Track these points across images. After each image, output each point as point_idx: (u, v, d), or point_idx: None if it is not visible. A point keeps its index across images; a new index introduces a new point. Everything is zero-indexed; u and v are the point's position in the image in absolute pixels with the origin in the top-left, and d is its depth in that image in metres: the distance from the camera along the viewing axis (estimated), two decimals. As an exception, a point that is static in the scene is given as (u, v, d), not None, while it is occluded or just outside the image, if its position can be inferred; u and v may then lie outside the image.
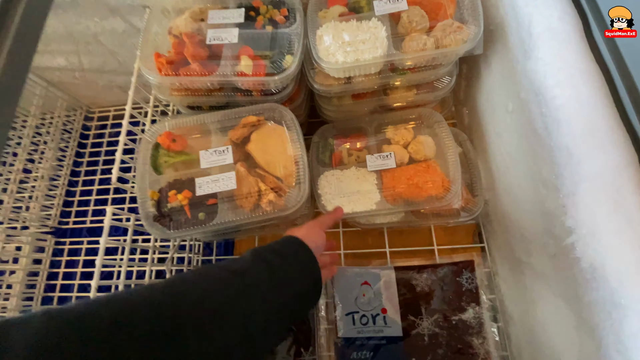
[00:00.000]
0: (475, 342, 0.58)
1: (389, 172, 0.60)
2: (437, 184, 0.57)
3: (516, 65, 0.49)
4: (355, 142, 0.65)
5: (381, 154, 0.61)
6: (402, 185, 0.58)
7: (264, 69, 0.54)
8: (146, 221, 0.52)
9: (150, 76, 0.55)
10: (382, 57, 0.52)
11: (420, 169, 0.59)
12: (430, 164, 0.59)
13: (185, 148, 0.57)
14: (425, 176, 0.58)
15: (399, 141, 0.62)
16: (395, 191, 0.58)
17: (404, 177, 0.59)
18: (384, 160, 0.60)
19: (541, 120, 0.43)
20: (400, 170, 0.60)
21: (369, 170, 0.60)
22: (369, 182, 0.60)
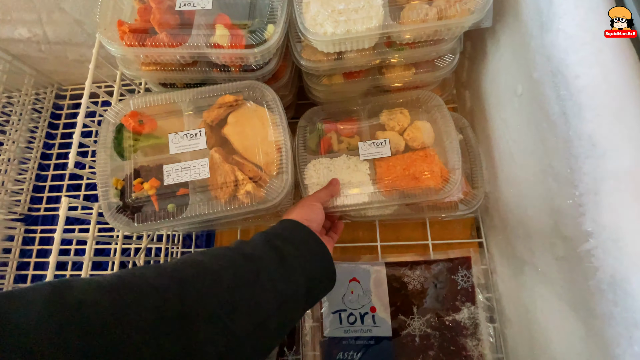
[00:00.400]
0: (469, 343, 0.54)
1: (383, 161, 0.54)
2: (436, 175, 0.51)
3: (530, 41, 0.43)
4: (346, 127, 0.58)
5: (375, 141, 0.55)
6: (398, 175, 0.53)
7: (242, 40, 0.47)
8: (108, 212, 0.46)
9: (111, 47, 0.49)
10: (377, 28, 0.45)
11: (417, 157, 0.53)
12: (428, 152, 0.53)
13: (154, 130, 0.51)
14: (422, 166, 0.52)
15: (394, 127, 0.56)
16: (390, 182, 0.53)
17: (399, 167, 0.53)
18: (378, 148, 0.55)
19: (557, 105, 0.37)
20: (396, 159, 0.54)
21: (362, 159, 0.55)
22: (361, 172, 0.54)
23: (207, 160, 0.47)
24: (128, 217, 0.46)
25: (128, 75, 0.57)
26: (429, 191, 0.51)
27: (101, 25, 0.49)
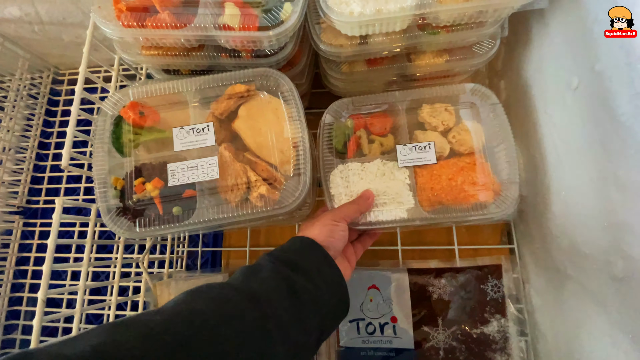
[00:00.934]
0: (498, 358, 0.50)
1: (425, 169, 0.46)
2: (487, 187, 0.44)
3: (592, 26, 0.36)
4: (377, 124, 0.49)
5: (417, 145, 0.46)
6: (443, 187, 0.45)
7: (256, 21, 0.41)
8: (107, 216, 0.42)
9: (106, 28, 0.43)
10: (412, 8, 0.39)
11: (464, 165, 0.45)
12: (477, 158, 0.46)
13: (156, 123, 0.46)
14: (470, 175, 0.44)
15: (437, 126, 0.47)
16: (434, 195, 0.45)
17: (444, 176, 0.45)
18: (421, 154, 0.46)
19: (630, 102, 0.31)
20: (440, 166, 0.46)
21: (400, 165, 0.46)
22: (399, 182, 0.46)
23: (216, 159, 0.42)
24: (129, 221, 0.42)
25: (127, 60, 0.51)
26: (478, 206, 0.44)
27: (95, 3, 0.43)
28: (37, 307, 0.38)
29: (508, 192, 0.44)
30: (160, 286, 0.57)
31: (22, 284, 0.72)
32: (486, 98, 0.48)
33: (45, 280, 0.38)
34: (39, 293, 0.38)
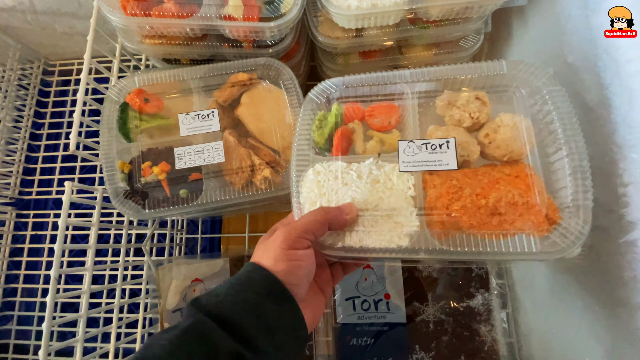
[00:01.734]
0: (482, 329, 0.54)
1: (439, 177, 0.32)
2: (535, 211, 0.29)
3: (566, 22, 0.40)
4: (379, 116, 0.37)
5: (429, 142, 0.32)
6: (465, 205, 0.30)
7: (258, 12, 0.44)
8: (115, 199, 0.43)
9: (112, 16, 0.44)
10: (405, 3, 0.42)
11: (502, 176, 0.31)
12: (522, 168, 0.31)
13: (160, 110, 0.48)
14: (511, 191, 0.30)
15: (462, 120, 0.34)
16: (451, 216, 0.30)
17: (469, 191, 0.31)
18: (435, 154, 0.32)
19: (597, 90, 0.35)
20: (464, 175, 0.32)
21: (402, 170, 0.33)
22: (400, 192, 0.33)
23: (221, 143, 0.44)
24: (137, 203, 0.44)
25: (130, 48, 0.52)
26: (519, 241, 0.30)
27: (101, -8, 0.44)
28: (50, 285, 0.39)
29: (571, 221, 0.30)
30: (162, 270, 0.58)
31: (16, 275, 0.72)
32: (536, 79, 0.34)
33: (57, 259, 0.40)
34: (52, 271, 0.39)
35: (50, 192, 0.76)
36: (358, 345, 0.55)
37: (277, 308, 0.28)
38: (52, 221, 0.74)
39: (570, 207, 0.30)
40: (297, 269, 0.29)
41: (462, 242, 0.31)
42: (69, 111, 0.80)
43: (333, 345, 0.57)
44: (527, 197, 0.30)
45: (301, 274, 0.29)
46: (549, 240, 0.30)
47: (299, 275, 0.29)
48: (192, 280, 0.58)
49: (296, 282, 0.29)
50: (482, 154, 0.34)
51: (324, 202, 0.34)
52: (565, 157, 0.31)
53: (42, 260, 0.72)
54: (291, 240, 0.29)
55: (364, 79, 0.38)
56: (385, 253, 0.32)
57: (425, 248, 0.31)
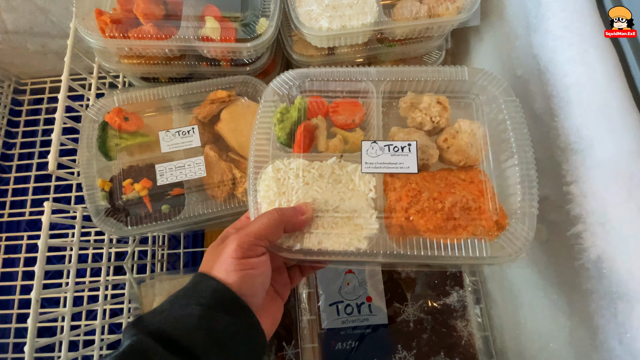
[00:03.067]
0: (459, 324, 0.58)
1: (400, 180, 0.32)
2: (486, 216, 0.30)
3: (514, 40, 0.45)
4: (344, 112, 0.36)
5: (392, 144, 0.33)
6: (423, 209, 0.31)
7: (234, 34, 0.46)
8: (97, 217, 0.44)
9: (90, 38, 0.45)
10: (371, 24, 0.46)
11: (458, 181, 0.32)
12: (475, 173, 0.33)
13: (140, 128, 0.49)
14: (465, 196, 0.31)
15: (423, 123, 0.35)
16: (409, 219, 0.31)
17: (427, 194, 0.31)
18: (397, 157, 0.33)
19: (543, 101, 0.40)
20: (422, 178, 0.32)
21: (364, 171, 0.33)
22: (361, 194, 0.33)
23: (202, 159, 0.46)
24: (119, 221, 0.44)
25: (107, 68, 0.53)
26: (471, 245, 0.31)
27: (79, 15, 0.46)
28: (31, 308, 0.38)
29: (517, 227, 0.31)
30: (145, 287, 0.58)
31: (-14, 301, 0.69)
32: (494, 88, 0.35)
33: (39, 281, 0.39)
34: (33, 293, 0.39)
35: (24, 213, 0.74)
36: (343, 349, 0.57)
37: (229, 318, 0.25)
38: (25, 243, 0.72)
39: (517, 213, 0.32)
40: (251, 278, 0.27)
41: (419, 246, 0.31)
42: (41, 130, 0.79)
43: (319, 351, 0.58)
44: (479, 202, 0.31)
45: (256, 283, 0.27)
46: (498, 245, 0.31)
47: (254, 285, 0.27)
48: (175, 296, 0.58)
49: (251, 293, 0.27)
50: (440, 158, 0.36)
51: (283, 202, 0.32)
52: (516, 165, 0.33)
53: (16, 284, 0.70)
54: (244, 248, 0.27)
55: (330, 72, 0.37)
56: (344, 256, 0.31)
57: (384, 252, 0.31)
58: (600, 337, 0.34)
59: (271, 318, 0.31)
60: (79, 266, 0.49)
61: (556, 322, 0.43)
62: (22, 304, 0.69)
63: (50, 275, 0.69)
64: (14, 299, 0.69)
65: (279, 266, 0.34)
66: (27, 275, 0.70)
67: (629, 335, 0.29)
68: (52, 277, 0.69)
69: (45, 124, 0.79)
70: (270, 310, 0.31)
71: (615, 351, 0.31)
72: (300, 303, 0.60)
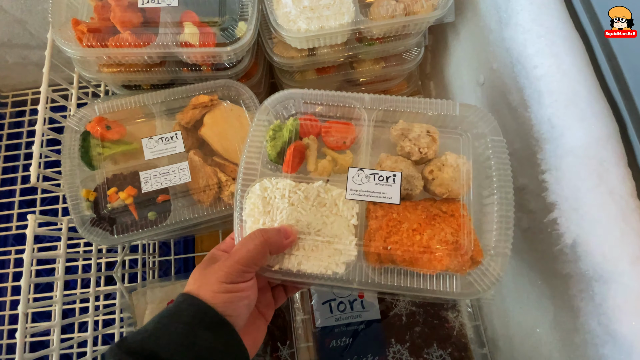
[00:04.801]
0: (450, 315, 0.58)
1: (382, 209, 0.33)
2: (462, 251, 0.31)
3: (488, 35, 0.46)
4: (335, 134, 0.37)
5: (378, 173, 0.34)
6: (402, 238, 0.32)
7: (214, 38, 0.46)
8: (82, 227, 0.44)
9: (68, 48, 0.45)
10: (349, 24, 0.47)
11: (439, 213, 0.33)
12: (456, 207, 0.33)
13: (123, 136, 0.49)
14: (444, 229, 0.32)
15: (412, 153, 0.35)
16: (386, 248, 0.31)
17: (407, 225, 0.32)
18: (382, 186, 0.33)
19: (517, 92, 0.41)
20: (404, 209, 0.33)
21: (348, 197, 0.34)
22: (343, 220, 0.33)
23: (187, 164, 0.46)
24: (105, 230, 0.44)
25: (87, 77, 0.53)
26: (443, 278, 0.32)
27: (55, 25, 0.45)
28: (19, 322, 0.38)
29: (489, 265, 0.31)
30: (137, 296, 0.58)
31: (-25, 319, 0.68)
32: (484, 125, 0.36)
33: (24, 295, 0.39)
34: (20, 307, 0.38)
35: (10, 227, 0.73)
36: (338, 346, 0.58)
37: (210, 335, 0.26)
38: (14, 258, 0.71)
39: (492, 252, 0.32)
40: (238, 299, 0.28)
41: (393, 277, 0.32)
42: (25, 142, 0.78)
43: (314, 350, 0.59)
44: (457, 236, 0.32)
45: (242, 304, 0.28)
46: (468, 281, 0.32)
47: (239, 307, 0.28)
48: (167, 303, 0.58)
49: (236, 314, 0.28)
50: (424, 187, 0.36)
51: (267, 221, 0.33)
52: (496, 203, 0.33)
53: (6, 300, 0.69)
54: (234, 275, 0.28)
55: (324, 96, 0.37)
56: (321, 280, 0.32)
57: (359, 280, 0.32)
58: (581, 319, 0.35)
59: (253, 339, 0.31)
60: (67, 278, 0.49)
61: (541, 307, 0.44)
62: (12, 319, 0.68)
63: (40, 288, 0.68)
64: (4, 315, 0.68)
65: (263, 286, 0.34)
66: (16, 290, 0.69)
67: (605, 316, 0.30)
68: (43, 291, 0.68)
69: (28, 136, 0.78)
70: (252, 332, 0.32)
71: (595, 332, 0.32)
72: (294, 303, 0.61)
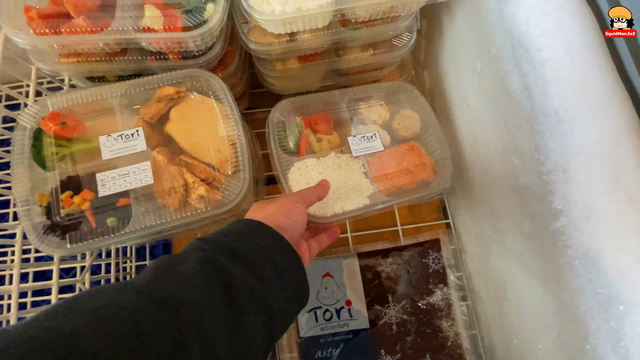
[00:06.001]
0: (444, 324, 0.54)
1: (375, 157, 0.50)
2: (427, 167, 0.50)
3: (487, 15, 0.41)
4: (322, 124, 0.52)
5: (365, 135, 0.50)
6: (393, 171, 0.49)
7: (178, 22, 0.41)
8: (33, 235, 0.39)
9: (17, 38, 0.41)
10: (329, 4, 0.42)
11: (404, 151, 0.50)
12: (412, 144, 0.51)
13: (82, 133, 0.44)
14: (412, 158, 0.50)
15: (376, 120, 0.52)
16: (387, 179, 0.48)
17: (393, 162, 0.49)
18: (370, 143, 0.50)
19: (519, 80, 0.36)
20: (387, 154, 0.50)
21: (354, 155, 0.49)
22: (356, 172, 0.48)
23: (149, 164, 0.41)
24: (59, 238, 0.40)
25: (45, 70, 0.48)
26: (423, 184, 0.49)
27: (3, 12, 0.40)
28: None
29: (443, 167, 0.51)
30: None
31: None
32: (410, 92, 0.55)
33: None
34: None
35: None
36: (323, 357, 0.54)
37: (284, 256, 0.31)
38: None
39: (441, 161, 0.51)
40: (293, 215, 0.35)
41: (398, 193, 0.49)
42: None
43: (299, 361, 0.55)
44: (421, 160, 0.50)
45: (295, 219, 0.35)
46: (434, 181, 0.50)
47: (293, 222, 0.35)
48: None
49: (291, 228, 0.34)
50: (393, 139, 0.53)
51: None
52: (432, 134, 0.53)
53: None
54: (296, 198, 0.37)
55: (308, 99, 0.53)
56: (358, 212, 0.46)
57: (380, 201, 0.47)
58: (592, 341, 0.30)
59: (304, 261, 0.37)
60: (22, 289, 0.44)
61: (544, 321, 0.40)
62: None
63: (9, 295, 0.64)
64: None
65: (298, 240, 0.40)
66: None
67: (622, 344, 0.26)
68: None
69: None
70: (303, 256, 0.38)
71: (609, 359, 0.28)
72: (277, 311, 0.56)
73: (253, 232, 0.32)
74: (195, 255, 0.27)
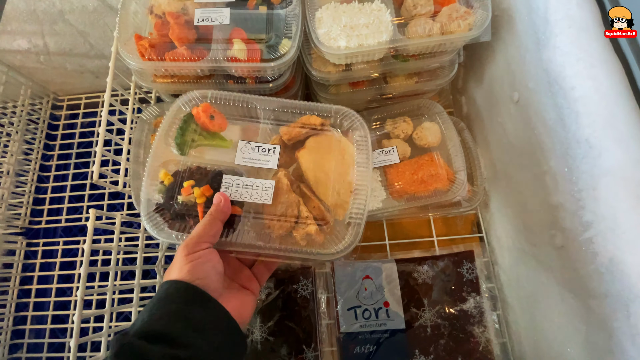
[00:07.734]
0: (476, 330, 0.58)
1: (392, 168, 0.59)
2: (442, 177, 0.56)
3: (525, 54, 0.47)
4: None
5: (384, 149, 0.59)
6: (407, 180, 0.57)
7: (260, 54, 0.50)
8: (145, 210, 0.40)
9: (131, 61, 0.50)
10: (387, 42, 0.49)
11: (423, 162, 0.58)
12: (432, 156, 0.58)
13: (222, 131, 0.46)
14: (429, 169, 0.57)
15: (399, 135, 0.61)
16: (401, 187, 0.57)
17: (407, 172, 0.58)
18: (387, 156, 0.59)
19: (554, 111, 0.42)
20: (404, 164, 0.58)
21: (374, 167, 0.58)
22: (373, 180, 0.58)
23: (273, 184, 0.41)
24: (166, 221, 0.41)
25: (142, 86, 0.58)
26: (437, 192, 0.56)
27: (121, 40, 0.50)
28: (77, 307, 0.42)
29: (459, 177, 0.56)
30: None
31: (26, 303, 0.74)
32: (433, 109, 0.62)
33: (83, 282, 0.43)
34: (78, 293, 0.42)
35: (60, 220, 0.79)
36: (361, 353, 0.59)
37: (202, 310, 0.31)
38: (61, 249, 0.77)
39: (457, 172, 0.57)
40: (201, 264, 0.34)
41: (409, 199, 0.57)
42: (77, 142, 0.85)
43: (337, 355, 0.60)
44: (437, 170, 0.57)
45: (206, 267, 0.34)
46: (451, 190, 0.56)
47: (205, 269, 0.34)
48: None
49: (204, 276, 0.33)
50: (412, 150, 0.61)
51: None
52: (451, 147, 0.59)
53: (52, 287, 0.74)
54: (190, 247, 0.34)
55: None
56: (375, 212, 0.57)
57: (391, 206, 0.57)
58: (614, 339, 0.35)
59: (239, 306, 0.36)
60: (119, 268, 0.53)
61: (573, 326, 0.44)
62: (57, 305, 0.74)
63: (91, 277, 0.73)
64: (50, 302, 0.73)
65: (236, 266, 0.42)
66: (62, 279, 0.75)
67: None
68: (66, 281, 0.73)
69: (80, 137, 0.85)
70: (236, 299, 0.37)
71: (629, 352, 0.32)
72: (319, 307, 0.62)
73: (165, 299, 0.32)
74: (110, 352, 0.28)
